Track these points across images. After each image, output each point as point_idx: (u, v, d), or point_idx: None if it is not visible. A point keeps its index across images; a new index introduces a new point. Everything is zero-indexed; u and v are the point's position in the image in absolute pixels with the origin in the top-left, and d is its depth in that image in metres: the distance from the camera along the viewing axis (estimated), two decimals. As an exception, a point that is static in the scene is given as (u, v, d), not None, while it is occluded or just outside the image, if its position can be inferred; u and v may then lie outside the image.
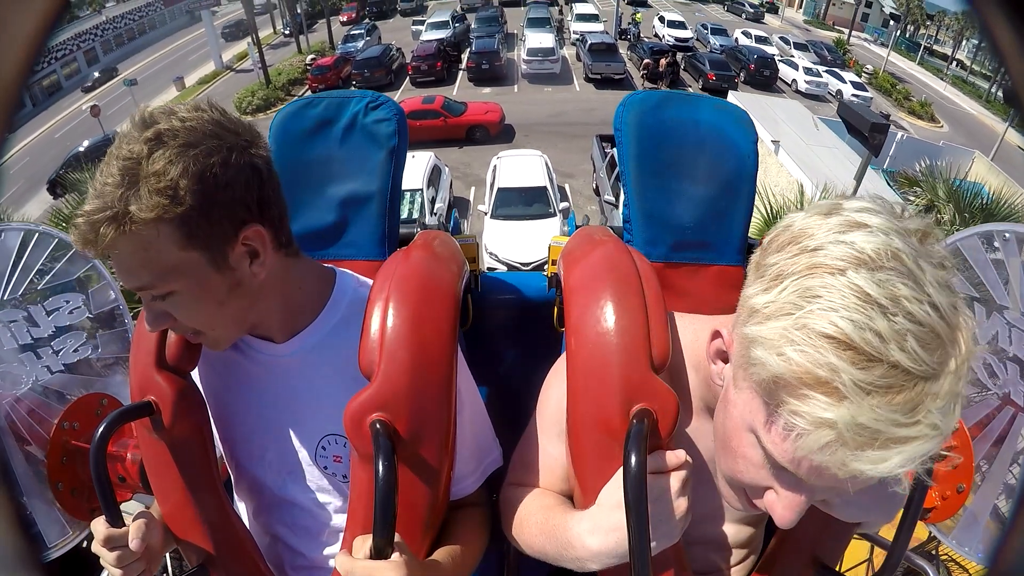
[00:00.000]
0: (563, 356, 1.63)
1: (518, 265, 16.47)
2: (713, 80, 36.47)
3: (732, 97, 25.37)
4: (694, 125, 1.82)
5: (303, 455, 1.65)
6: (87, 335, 2.15)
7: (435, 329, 1.47)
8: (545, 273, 2.25)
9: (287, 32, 52.94)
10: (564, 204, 19.27)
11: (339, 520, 1.70)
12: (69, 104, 39.33)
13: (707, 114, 1.84)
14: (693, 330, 1.55)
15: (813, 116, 25.03)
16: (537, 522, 1.52)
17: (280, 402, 1.64)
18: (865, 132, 11.67)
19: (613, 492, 1.34)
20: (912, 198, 12.10)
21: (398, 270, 1.53)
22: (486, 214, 18.76)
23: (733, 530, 1.62)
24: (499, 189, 19.04)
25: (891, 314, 0.91)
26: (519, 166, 20.25)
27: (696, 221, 1.78)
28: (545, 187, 19.12)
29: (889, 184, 16.34)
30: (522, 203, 18.67)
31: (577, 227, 2.10)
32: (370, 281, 1.64)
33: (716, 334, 1.27)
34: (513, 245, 17.19)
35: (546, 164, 20.51)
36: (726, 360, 1.25)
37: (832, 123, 24.92)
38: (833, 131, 22.38)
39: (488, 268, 16.64)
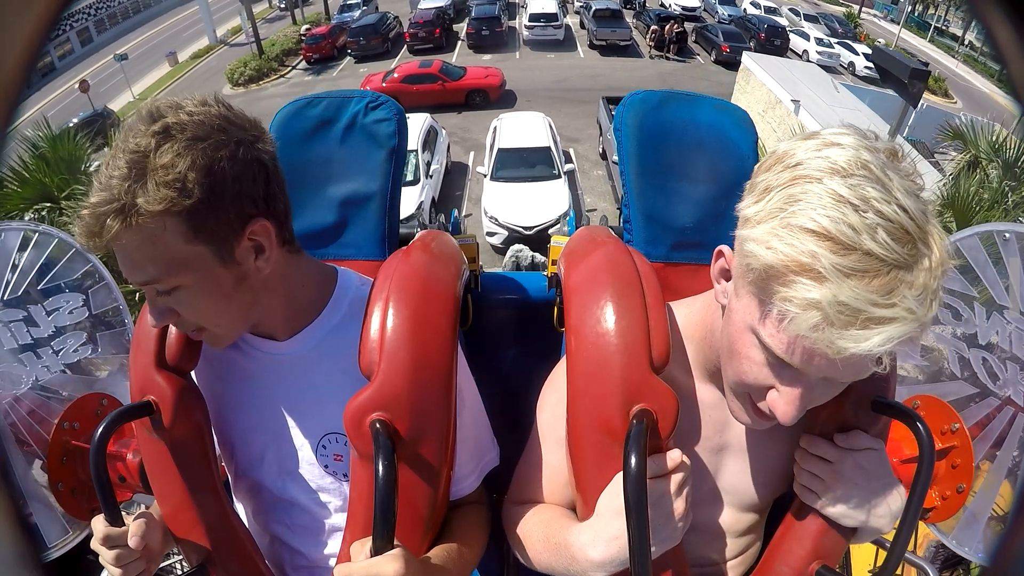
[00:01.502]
0: (558, 366, 1.65)
1: (520, 229, 16.17)
2: (727, 52, 34.80)
3: (747, 57, 24.88)
4: (694, 125, 1.82)
5: (304, 453, 1.65)
6: (87, 335, 2.15)
7: (435, 329, 1.47)
8: (545, 273, 2.25)
9: (283, 6, 52.24)
10: (569, 166, 18.74)
11: (339, 519, 1.70)
12: (62, 84, 38.99)
13: (707, 114, 1.84)
14: (686, 309, 1.59)
15: (832, 79, 24.69)
16: (540, 538, 1.54)
17: (281, 400, 1.64)
18: (904, 79, 11.19)
19: (611, 499, 1.35)
20: (954, 153, 11.44)
21: (398, 270, 1.53)
22: (485, 176, 18.28)
23: (733, 517, 1.63)
24: (499, 150, 18.54)
25: (862, 211, 1.03)
26: (521, 126, 19.74)
27: (696, 221, 1.78)
28: (549, 147, 18.55)
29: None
30: (524, 164, 18.15)
31: (578, 227, 2.10)
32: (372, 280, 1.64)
33: (719, 253, 1.34)
34: (515, 208, 16.78)
35: (549, 125, 20.01)
36: (728, 278, 1.32)
37: (853, 88, 24.56)
38: (854, 95, 21.97)
39: (488, 232, 16.55)
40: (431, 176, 18.78)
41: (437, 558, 1.51)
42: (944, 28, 53.04)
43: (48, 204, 9.03)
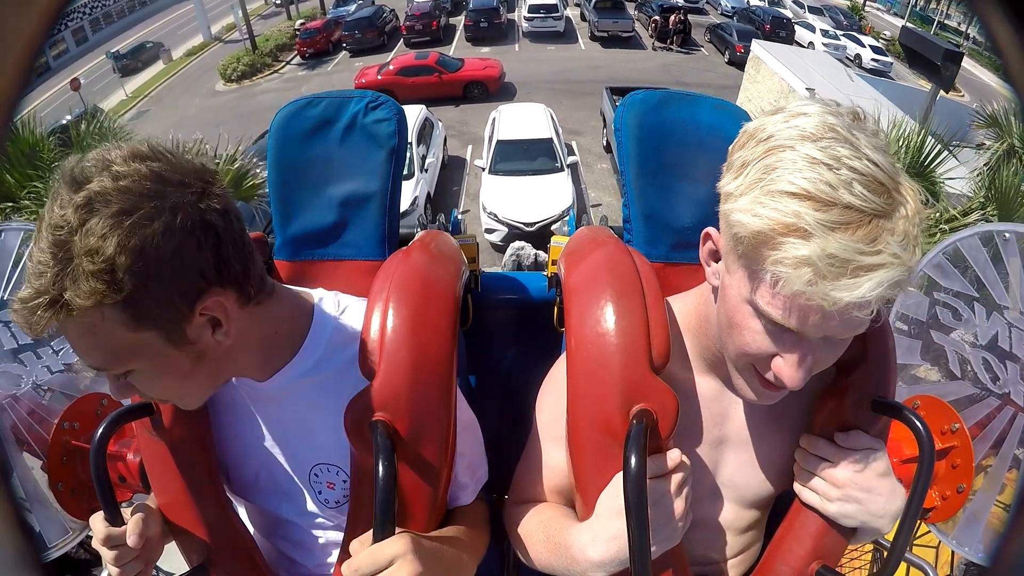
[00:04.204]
0: (556, 365, 1.66)
1: (520, 225, 15.75)
2: (741, 53, 31.08)
3: (757, 45, 24.39)
4: (694, 125, 1.81)
5: (296, 481, 1.64)
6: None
7: (435, 329, 1.47)
8: (545, 273, 2.25)
9: (278, 2, 52.10)
10: (572, 158, 18.25)
11: (337, 536, 1.69)
12: (56, 83, 38.89)
13: (707, 114, 1.83)
14: (681, 303, 1.60)
15: (846, 68, 24.38)
16: (540, 538, 1.54)
17: (269, 431, 1.61)
18: (937, 61, 10.81)
19: (611, 500, 1.36)
20: (988, 142, 10.99)
21: (398, 270, 1.53)
22: (483, 170, 17.77)
23: (733, 513, 1.64)
24: (499, 142, 18.02)
25: (835, 168, 1.09)
26: (521, 117, 19.31)
27: (696, 221, 1.77)
28: (551, 139, 18.04)
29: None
30: (525, 157, 17.64)
31: (578, 227, 2.10)
32: (354, 300, 1.63)
33: (706, 236, 1.38)
34: (514, 203, 16.29)
35: (551, 116, 19.58)
36: (717, 259, 1.36)
37: (867, 78, 24.23)
38: (870, 84, 21.60)
39: (486, 229, 16.17)
40: (426, 170, 18.30)
41: (440, 540, 1.50)
42: (952, 25, 52.71)
43: (10, 204, 8.43)
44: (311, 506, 1.66)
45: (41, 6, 0.75)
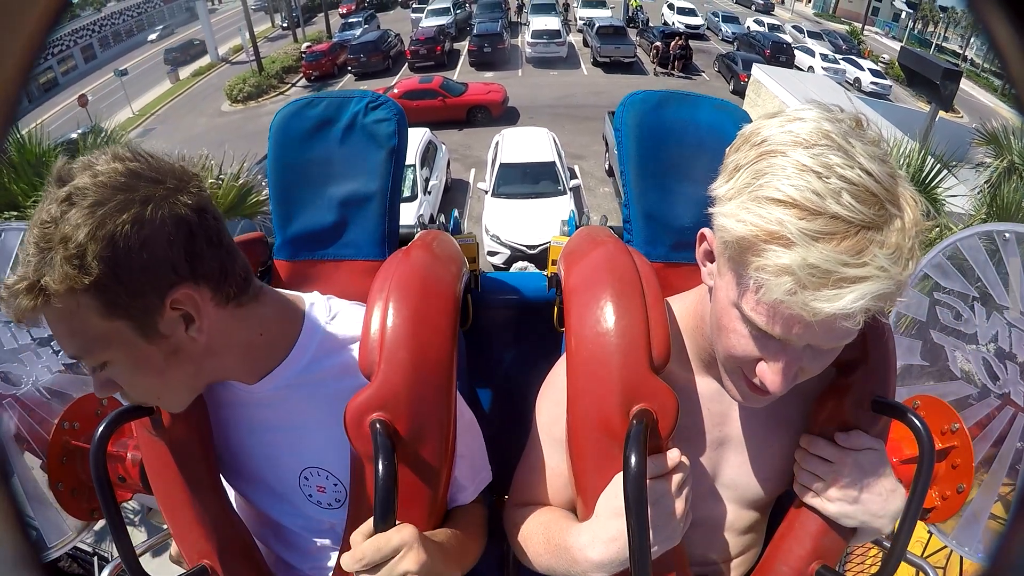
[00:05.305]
0: (556, 366, 1.66)
1: (523, 248, 15.62)
2: (745, 81, 30.87)
3: (758, 69, 24.50)
4: (694, 125, 1.82)
5: (287, 484, 1.63)
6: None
7: (435, 329, 1.47)
8: (545, 273, 2.25)
9: (284, 25, 52.67)
10: (575, 182, 18.15)
11: (331, 540, 1.71)
12: (64, 99, 39.12)
13: (707, 114, 1.84)
14: (681, 303, 1.60)
15: (846, 92, 24.36)
16: (540, 541, 1.54)
17: (260, 434, 1.61)
18: (936, 79, 10.79)
19: (610, 501, 1.36)
20: (988, 159, 10.84)
21: (398, 270, 1.53)
22: (486, 192, 17.75)
23: (734, 514, 1.63)
24: (501, 165, 17.96)
25: (825, 177, 1.07)
26: (524, 141, 19.24)
27: (696, 221, 1.76)
28: (553, 162, 17.98)
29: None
30: (528, 180, 17.62)
31: (578, 227, 2.10)
32: (346, 305, 1.63)
33: (702, 236, 1.37)
34: (517, 226, 16.16)
35: (554, 139, 19.51)
36: (712, 259, 1.34)
37: (867, 100, 24.19)
38: (869, 106, 21.58)
39: (489, 252, 16.06)
40: (429, 192, 18.21)
41: (440, 537, 1.50)
42: (943, 45, 52.94)
43: (14, 213, 8.29)
44: (303, 509, 1.66)
45: (42, 5, 0.75)
